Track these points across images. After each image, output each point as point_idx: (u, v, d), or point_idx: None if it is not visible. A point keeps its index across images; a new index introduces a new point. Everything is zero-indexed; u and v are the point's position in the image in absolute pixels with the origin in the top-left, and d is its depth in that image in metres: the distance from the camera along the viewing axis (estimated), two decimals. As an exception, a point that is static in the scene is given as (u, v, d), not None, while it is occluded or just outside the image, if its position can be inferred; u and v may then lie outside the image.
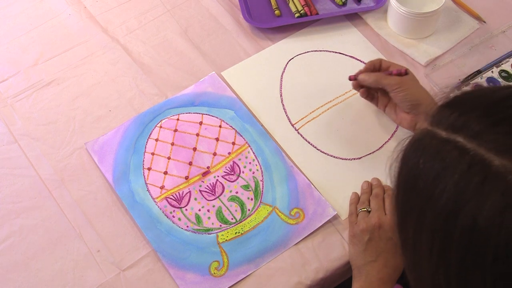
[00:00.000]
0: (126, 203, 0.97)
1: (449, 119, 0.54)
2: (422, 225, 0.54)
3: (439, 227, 0.52)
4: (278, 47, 1.16)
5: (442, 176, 0.52)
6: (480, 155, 0.50)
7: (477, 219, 0.49)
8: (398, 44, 1.15)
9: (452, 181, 0.51)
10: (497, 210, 0.48)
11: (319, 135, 1.04)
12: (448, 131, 0.54)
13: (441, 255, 0.53)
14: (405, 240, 0.58)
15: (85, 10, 1.22)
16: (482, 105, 0.54)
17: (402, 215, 0.57)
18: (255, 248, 0.92)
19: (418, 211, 0.55)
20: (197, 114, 1.07)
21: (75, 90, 1.11)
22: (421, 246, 0.55)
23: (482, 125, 0.52)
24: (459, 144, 0.52)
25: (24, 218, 0.97)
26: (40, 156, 1.03)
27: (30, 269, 0.92)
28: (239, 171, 1.00)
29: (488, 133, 0.51)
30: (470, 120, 0.53)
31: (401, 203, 0.57)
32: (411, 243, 0.56)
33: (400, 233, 0.58)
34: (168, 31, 1.19)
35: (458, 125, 0.53)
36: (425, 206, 0.53)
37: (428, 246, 0.54)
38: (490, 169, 0.49)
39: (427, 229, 0.54)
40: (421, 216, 0.54)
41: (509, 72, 1.09)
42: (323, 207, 0.95)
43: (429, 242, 0.54)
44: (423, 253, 0.55)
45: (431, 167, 0.53)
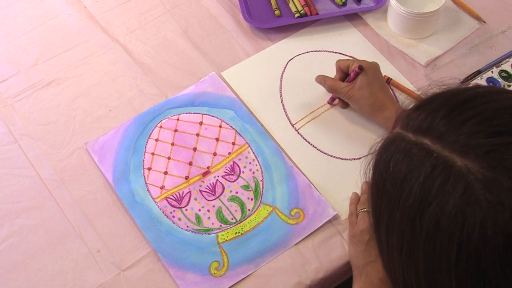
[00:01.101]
0: (126, 203, 0.97)
1: (416, 121, 0.55)
2: (392, 227, 0.55)
3: (407, 228, 0.53)
4: (278, 47, 1.16)
5: (409, 178, 0.53)
6: (443, 157, 0.51)
7: (440, 218, 0.50)
8: (398, 44, 1.15)
9: (418, 183, 0.52)
10: (459, 210, 0.49)
11: (319, 135, 1.04)
12: (416, 133, 0.55)
13: (410, 256, 0.54)
14: (379, 242, 0.59)
15: (85, 10, 1.22)
16: (447, 106, 0.55)
17: (375, 218, 0.59)
18: (255, 248, 0.92)
19: (388, 213, 0.56)
20: (197, 114, 1.07)
21: (75, 90, 1.11)
22: (393, 247, 0.56)
23: (446, 127, 0.53)
24: (425, 146, 0.53)
25: (24, 218, 0.97)
26: (40, 156, 1.03)
27: (30, 269, 0.92)
28: (239, 171, 1.00)
29: (451, 135, 0.52)
30: (435, 121, 0.54)
31: (374, 206, 0.59)
32: (385, 245, 0.58)
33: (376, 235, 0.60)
34: (168, 31, 1.19)
35: (424, 127, 0.54)
36: (394, 208, 0.55)
37: (398, 248, 0.55)
38: (452, 169, 0.50)
39: (397, 231, 0.55)
40: (390, 218, 0.55)
41: (509, 72, 1.09)
42: (323, 207, 0.95)
43: (399, 244, 0.55)
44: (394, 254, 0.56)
45: (399, 170, 0.54)
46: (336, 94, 1.04)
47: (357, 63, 1.00)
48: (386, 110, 0.98)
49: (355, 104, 1.02)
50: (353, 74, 1.00)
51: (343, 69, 1.03)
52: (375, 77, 1.00)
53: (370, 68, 1.00)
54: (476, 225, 0.49)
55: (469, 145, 0.51)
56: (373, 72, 1.00)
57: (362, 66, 0.98)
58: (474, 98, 0.55)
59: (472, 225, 0.49)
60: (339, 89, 1.02)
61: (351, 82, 1.00)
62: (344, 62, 1.02)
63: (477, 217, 0.49)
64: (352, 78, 1.00)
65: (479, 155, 0.50)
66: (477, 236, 0.49)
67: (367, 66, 0.99)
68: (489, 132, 0.51)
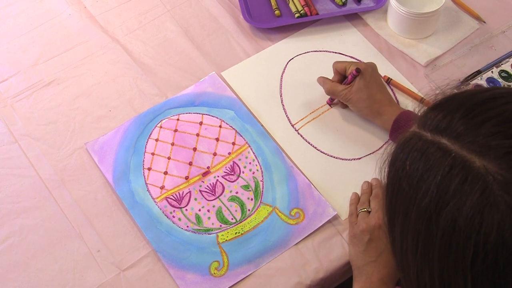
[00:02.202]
0: (126, 203, 0.97)
1: (434, 121, 0.55)
2: (408, 227, 0.55)
3: (422, 228, 0.53)
4: (278, 47, 1.16)
5: (426, 177, 0.53)
6: (462, 157, 0.51)
7: (457, 219, 0.50)
8: (398, 44, 1.15)
9: (435, 182, 0.52)
10: (476, 210, 0.49)
11: (319, 135, 1.04)
12: (433, 132, 0.55)
13: (424, 256, 0.54)
14: (393, 241, 0.59)
15: (85, 10, 1.22)
16: (465, 107, 0.55)
17: (390, 217, 0.59)
18: (255, 248, 0.92)
19: (404, 212, 0.56)
20: (197, 114, 1.07)
21: (75, 90, 1.11)
22: (407, 247, 0.56)
23: (464, 127, 0.53)
24: (443, 146, 0.53)
25: (24, 218, 0.97)
26: (40, 156, 1.03)
27: (30, 269, 0.92)
28: (239, 171, 1.00)
29: (470, 135, 0.52)
30: (453, 121, 0.54)
31: (389, 205, 0.59)
32: (399, 245, 0.58)
33: (389, 235, 0.60)
34: (168, 31, 1.19)
35: (442, 126, 0.54)
36: (410, 207, 0.54)
37: (413, 247, 0.55)
38: (470, 170, 0.50)
39: (412, 231, 0.55)
40: (406, 217, 0.55)
41: (509, 72, 1.09)
42: (323, 207, 0.95)
43: (413, 243, 0.55)
44: (409, 254, 0.56)
45: (416, 168, 0.54)
46: (334, 96, 1.04)
47: (354, 65, 0.99)
48: (384, 113, 0.98)
49: (353, 106, 1.02)
50: (350, 76, 1.00)
51: (340, 71, 1.03)
52: (372, 79, 0.99)
53: (367, 70, 0.99)
54: (494, 226, 0.48)
55: (488, 146, 0.51)
56: (370, 74, 0.99)
57: (359, 69, 0.98)
58: (492, 99, 0.55)
59: (489, 226, 0.48)
60: (337, 92, 1.02)
61: (349, 85, 1.00)
62: (341, 64, 1.02)
63: (495, 219, 0.48)
64: (350, 80, 1.00)
65: (498, 156, 0.50)
66: (494, 237, 0.48)
67: (364, 68, 0.99)
68: (509, 133, 0.51)
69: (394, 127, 0.96)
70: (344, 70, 1.02)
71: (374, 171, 0.98)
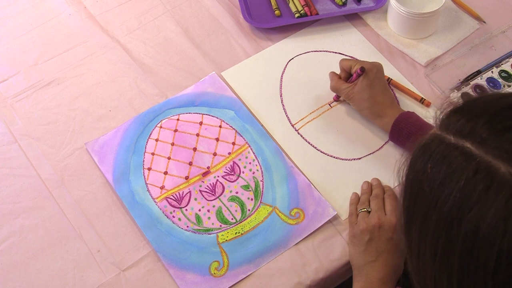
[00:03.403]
0: (126, 203, 0.97)
1: (457, 124, 0.54)
2: (427, 230, 0.54)
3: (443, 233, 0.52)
4: (278, 47, 1.16)
5: (448, 181, 0.52)
6: (486, 162, 0.51)
7: (480, 225, 0.49)
8: (398, 44, 1.15)
9: (458, 187, 0.51)
10: (501, 217, 0.48)
11: (319, 135, 1.04)
12: (457, 136, 0.54)
13: (443, 261, 0.53)
14: (410, 244, 0.58)
15: (85, 10, 1.22)
16: (489, 112, 0.54)
17: (408, 219, 0.57)
18: (255, 248, 0.92)
19: (423, 215, 0.55)
20: (197, 114, 1.07)
21: (75, 90, 1.11)
22: (425, 250, 0.55)
23: (489, 132, 0.52)
24: (467, 150, 0.52)
25: (24, 218, 0.97)
26: (40, 156, 1.03)
27: (30, 269, 0.92)
28: (239, 171, 1.00)
29: (495, 140, 0.51)
30: (477, 126, 0.53)
31: (407, 207, 0.58)
32: (416, 248, 0.57)
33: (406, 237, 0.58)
34: (168, 31, 1.19)
35: (466, 131, 0.53)
36: (430, 211, 0.53)
37: (432, 251, 0.54)
38: (495, 176, 0.50)
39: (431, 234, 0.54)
40: (425, 221, 0.54)
41: (509, 72, 1.09)
42: (323, 207, 0.95)
43: (432, 247, 0.54)
44: (426, 257, 0.55)
45: (437, 172, 0.53)
46: (337, 93, 1.05)
47: (360, 64, 0.99)
48: (384, 115, 0.98)
49: (355, 105, 1.02)
50: (355, 75, 1.00)
51: (346, 69, 1.03)
52: (376, 79, 0.99)
53: (372, 70, 0.99)
54: None
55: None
56: (374, 74, 0.99)
57: (363, 68, 0.98)
58: None
59: None
60: (340, 89, 1.02)
61: (352, 84, 1.01)
62: (347, 62, 1.02)
63: None
64: (354, 79, 1.00)
65: None
66: None
67: (369, 68, 0.99)
68: None
69: (393, 129, 0.96)
70: (349, 68, 1.02)
71: (374, 171, 0.99)
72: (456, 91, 1.07)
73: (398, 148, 1.01)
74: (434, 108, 1.06)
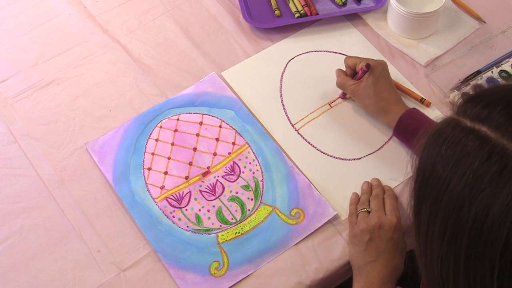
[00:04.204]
0: (126, 203, 0.97)
1: (474, 110, 0.55)
2: (437, 211, 0.55)
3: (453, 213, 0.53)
4: (278, 47, 1.16)
5: (462, 163, 0.53)
6: (501, 145, 0.51)
7: (491, 206, 0.50)
8: (398, 44, 1.15)
9: (471, 168, 0.52)
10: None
11: (319, 135, 1.04)
12: (473, 121, 0.55)
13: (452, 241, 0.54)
14: (418, 225, 0.58)
15: (85, 10, 1.22)
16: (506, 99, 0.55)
17: (419, 200, 0.58)
18: (255, 248, 0.92)
19: (434, 196, 0.55)
20: (197, 114, 1.07)
21: (75, 90, 1.11)
22: (434, 231, 0.55)
23: (506, 118, 0.53)
24: (482, 134, 0.53)
25: (24, 218, 0.97)
26: (40, 156, 1.03)
27: (30, 269, 0.92)
28: (239, 171, 1.00)
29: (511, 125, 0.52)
30: (493, 112, 0.54)
31: (419, 188, 0.58)
32: (425, 229, 0.57)
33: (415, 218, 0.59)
34: (168, 31, 1.19)
35: (482, 116, 0.54)
36: (442, 191, 0.54)
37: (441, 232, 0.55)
38: (510, 159, 0.50)
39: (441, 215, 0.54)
40: (436, 201, 0.55)
41: (509, 72, 1.09)
42: (323, 207, 0.95)
43: (441, 228, 0.54)
44: (435, 238, 0.56)
45: (452, 153, 0.54)
46: (343, 90, 1.05)
47: (365, 61, 1.00)
48: (390, 111, 0.98)
49: (360, 102, 1.03)
50: (360, 72, 1.00)
51: (351, 66, 1.03)
52: (381, 76, 1.00)
53: (377, 67, 1.00)
54: None
55: None
56: (380, 71, 1.00)
57: (369, 65, 0.98)
58: None
59: None
60: (346, 86, 1.02)
61: (358, 80, 1.01)
62: (352, 60, 1.03)
63: None
64: (360, 76, 1.01)
65: None
66: None
67: (374, 65, 0.99)
68: None
69: (398, 125, 0.96)
70: (354, 65, 1.02)
71: (374, 171, 0.99)
72: (456, 91, 1.07)
73: (398, 148, 1.01)
74: (434, 107, 1.06)
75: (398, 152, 1.01)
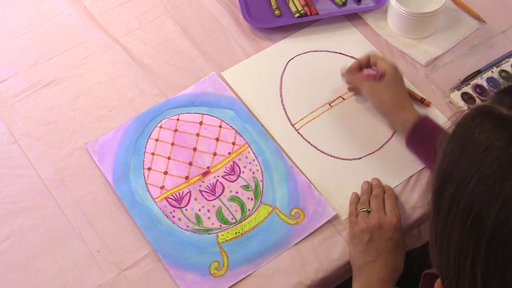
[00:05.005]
0: (126, 203, 0.97)
1: (510, 100, 0.56)
2: (463, 192, 0.54)
3: (481, 195, 0.53)
4: (278, 47, 1.16)
5: (495, 147, 0.53)
6: None
7: None
8: (398, 44, 1.15)
9: (506, 154, 0.52)
10: None
11: (319, 135, 1.04)
12: (509, 109, 0.55)
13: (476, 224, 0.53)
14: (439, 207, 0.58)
15: (85, 10, 1.23)
16: None
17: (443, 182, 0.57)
18: (255, 248, 0.92)
19: (461, 178, 0.55)
20: (197, 114, 1.07)
21: (75, 90, 1.11)
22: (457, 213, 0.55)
23: None
24: None
25: (24, 218, 0.97)
26: (40, 156, 1.03)
27: (30, 269, 0.92)
28: (239, 171, 1.00)
29: None
30: None
31: (444, 170, 0.57)
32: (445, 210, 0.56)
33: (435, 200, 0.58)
34: (168, 31, 1.19)
35: None
36: (470, 173, 0.54)
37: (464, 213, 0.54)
38: None
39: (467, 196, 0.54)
40: (463, 183, 0.54)
41: (509, 72, 1.09)
42: (323, 207, 0.95)
43: (466, 209, 0.54)
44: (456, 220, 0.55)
45: (486, 137, 0.54)
46: (358, 86, 1.05)
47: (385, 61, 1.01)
48: (407, 110, 0.98)
49: (377, 98, 1.01)
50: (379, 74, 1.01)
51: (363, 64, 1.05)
52: (400, 77, 1.02)
53: (397, 68, 1.01)
54: None
55: None
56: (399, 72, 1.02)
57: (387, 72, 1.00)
58: None
59: None
60: (362, 84, 1.03)
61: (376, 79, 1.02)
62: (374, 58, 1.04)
63: None
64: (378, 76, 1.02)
65: None
66: None
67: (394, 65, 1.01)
68: None
69: (412, 132, 0.95)
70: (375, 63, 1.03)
71: (374, 171, 0.99)
72: (456, 91, 1.07)
73: (398, 148, 1.01)
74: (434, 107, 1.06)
75: (398, 152, 1.01)
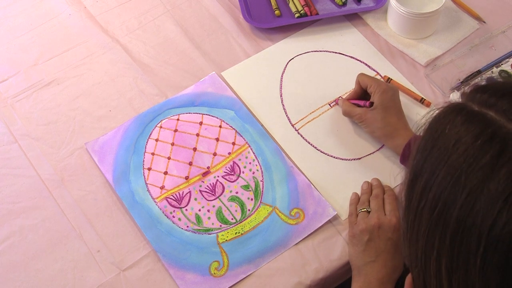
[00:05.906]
0: (126, 203, 0.97)
1: (483, 97, 0.57)
2: (432, 184, 0.55)
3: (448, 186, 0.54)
4: (278, 47, 1.16)
5: (464, 141, 0.54)
6: (506, 129, 0.52)
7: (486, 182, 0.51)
8: (398, 44, 1.15)
9: (473, 147, 0.53)
10: (509, 180, 0.50)
11: (319, 135, 1.04)
12: (481, 106, 0.56)
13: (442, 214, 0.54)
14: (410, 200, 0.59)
15: (85, 10, 1.22)
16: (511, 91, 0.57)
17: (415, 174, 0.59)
18: (255, 248, 0.92)
19: (431, 171, 0.56)
20: (197, 114, 1.07)
21: (75, 90, 1.11)
22: (425, 204, 0.56)
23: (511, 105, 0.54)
24: (488, 117, 0.54)
25: (24, 218, 0.97)
26: (40, 156, 1.03)
27: (30, 269, 0.92)
28: (239, 171, 1.00)
29: None
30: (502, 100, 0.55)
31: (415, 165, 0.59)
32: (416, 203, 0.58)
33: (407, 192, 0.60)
34: (168, 31, 1.19)
35: (491, 102, 0.56)
36: (439, 166, 0.55)
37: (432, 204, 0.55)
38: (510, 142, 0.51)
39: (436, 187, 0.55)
40: (432, 176, 0.56)
41: (509, 72, 1.09)
42: (323, 207, 0.95)
43: (434, 201, 0.55)
44: (425, 211, 0.56)
45: (456, 132, 0.55)
46: (351, 117, 1.03)
47: (376, 85, 0.99)
48: (397, 137, 0.97)
49: (367, 127, 1.01)
50: (368, 103, 0.99)
51: (362, 85, 1.02)
52: (391, 101, 0.99)
53: (388, 92, 0.98)
54: None
55: None
56: (390, 96, 0.99)
57: (372, 103, 0.98)
58: None
59: None
60: (353, 113, 1.01)
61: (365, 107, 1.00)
62: (365, 80, 1.01)
63: None
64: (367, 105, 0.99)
65: None
66: None
67: (385, 89, 0.98)
68: None
69: (405, 152, 0.95)
70: (366, 85, 1.01)
71: (374, 171, 0.99)
72: (456, 91, 1.07)
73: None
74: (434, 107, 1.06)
75: (398, 152, 1.01)
